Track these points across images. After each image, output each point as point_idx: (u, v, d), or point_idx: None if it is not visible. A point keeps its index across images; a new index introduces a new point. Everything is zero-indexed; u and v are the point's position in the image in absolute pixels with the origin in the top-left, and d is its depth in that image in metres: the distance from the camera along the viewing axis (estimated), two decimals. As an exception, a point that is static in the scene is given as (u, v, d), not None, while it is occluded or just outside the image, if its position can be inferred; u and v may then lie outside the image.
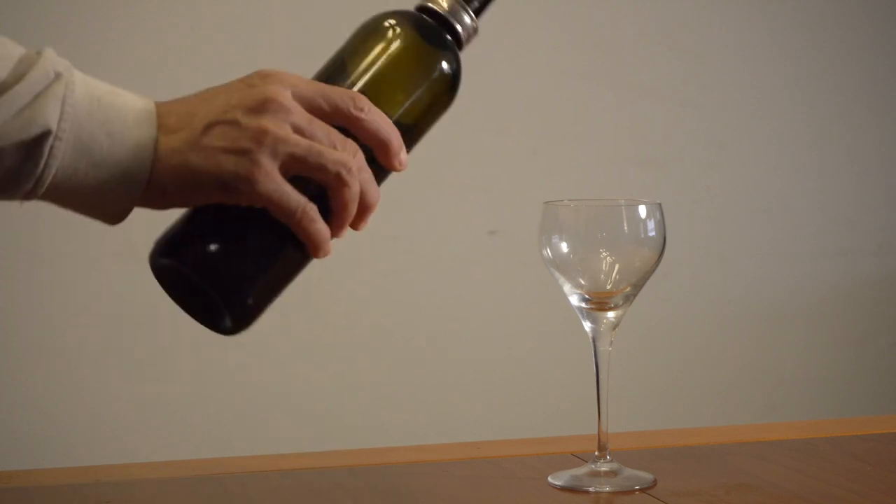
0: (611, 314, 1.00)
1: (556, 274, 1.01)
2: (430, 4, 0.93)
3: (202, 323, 0.89)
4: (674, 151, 2.51)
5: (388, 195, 1.02)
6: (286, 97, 0.81)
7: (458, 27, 0.94)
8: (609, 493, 0.99)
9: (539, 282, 1.20)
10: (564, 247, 0.99)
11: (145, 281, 0.94)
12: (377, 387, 2.37)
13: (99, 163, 0.79)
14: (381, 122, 0.85)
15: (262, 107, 0.81)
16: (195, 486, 1.03)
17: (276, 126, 0.80)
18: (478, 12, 0.95)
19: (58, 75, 0.78)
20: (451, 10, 0.95)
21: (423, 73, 0.91)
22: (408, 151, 0.88)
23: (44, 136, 0.77)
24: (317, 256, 0.84)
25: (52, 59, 0.78)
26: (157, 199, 0.82)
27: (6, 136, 0.76)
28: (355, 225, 0.86)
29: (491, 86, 2.41)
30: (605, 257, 0.99)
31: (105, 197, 0.80)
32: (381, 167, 0.87)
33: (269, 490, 1.00)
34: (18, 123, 0.76)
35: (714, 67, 2.53)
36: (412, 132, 0.89)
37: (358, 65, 0.89)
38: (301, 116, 0.81)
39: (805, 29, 2.58)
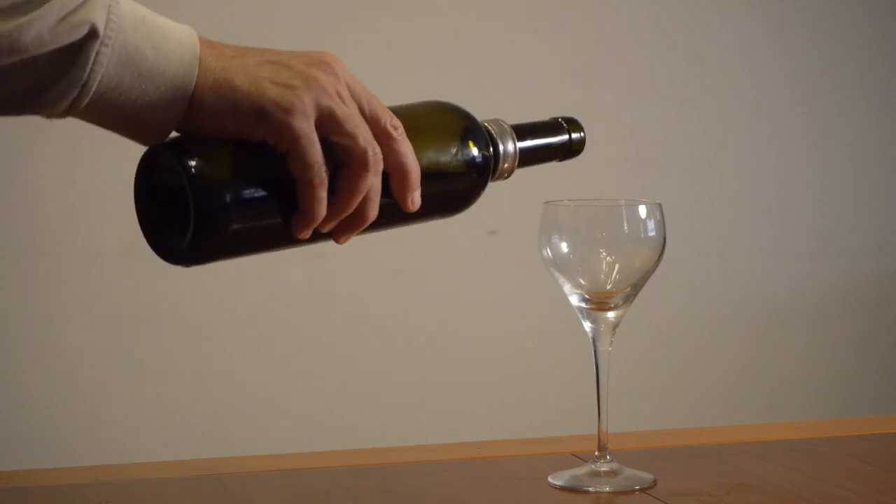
0: (611, 314, 1.00)
1: (556, 274, 1.01)
2: (494, 124, 0.98)
3: (151, 241, 0.84)
4: (674, 151, 2.51)
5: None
6: (341, 64, 0.83)
7: (501, 149, 0.99)
8: (609, 493, 0.99)
9: (539, 282, 1.20)
10: (564, 247, 0.99)
11: (145, 281, 0.94)
12: (377, 387, 2.37)
13: (144, 74, 0.79)
14: (410, 152, 0.85)
15: (318, 64, 0.82)
16: (195, 486, 1.03)
17: (326, 81, 0.81)
18: (521, 160, 0.95)
19: None
20: (501, 135, 0.99)
21: (457, 156, 0.94)
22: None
23: (90, 39, 0.77)
24: (298, 232, 0.83)
25: None
26: (190, 114, 0.80)
27: (53, 41, 0.76)
28: (340, 231, 0.86)
29: (491, 85, 2.41)
30: (605, 257, 0.99)
31: (148, 111, 0.80)
32: (389, 204, 0.87)
33: (269, 490, 1.00)
34: (66, 27, 0.76)
35: (714, 67, 2.53)
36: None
37: (410, 112, 0.90)
38: (353, 80, 0.83)
39: (805, 29, 2.58)
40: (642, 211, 0.99)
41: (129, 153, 0.86)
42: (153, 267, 2.47)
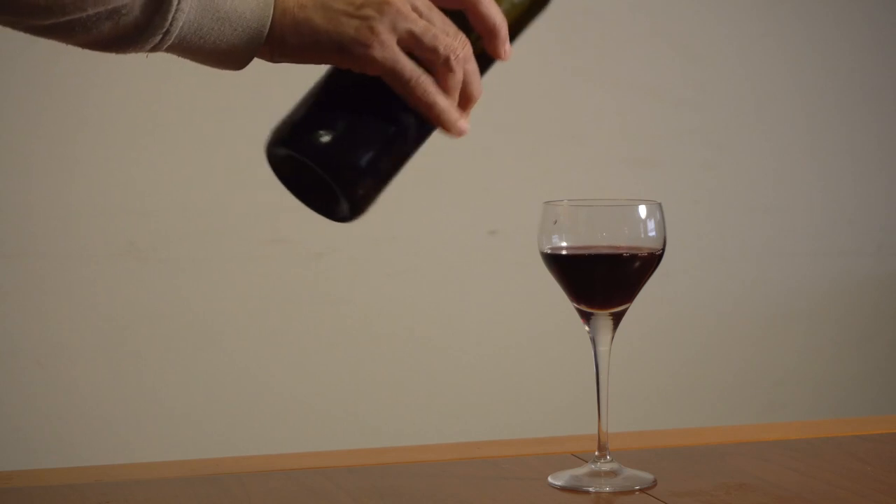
0: (610, 314, 1.00)
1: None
2: None
3: (318, 211, 0.89)
4: (674, 151, 2.51)
5: (388, 195, 1.02)
6: None
7: None
8: (609, 493, 0.99)
9: (539, 282, 1.20)
10: (564, 247, 0.99)
11: (145, 281, 0.94)
12: (377, 387, 2.37)
13: (223, 17, 0.81)
14: (495, 10, 0.87)
15: None
16: (195, 486, 1.03)
17: (400, 2, 0.83)
18: None
19: None
20: None
21: None
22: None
23: None
24: (446, 128, 0.87)
25: None
26: (274, 52, 0.84)
27: None
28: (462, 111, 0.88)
29: (491, 85, 2.40)
30: (605, 257, 0.99)
31: (228, 50, 0.82)
32: (486, 60, 0.90)
33: (269, 490, 1.00)
34: None
35: (715, 67, 2.53)
36: (514, 28, 0.92)
37: None
38: (422, 1, 0.84)
39: (805, 29, 2.58)
40: (642, 211, 0.99)
41: (130, 154, 0.86)
42: (153, 267, 2.48)
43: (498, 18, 0.87)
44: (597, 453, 1.01)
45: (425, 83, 0.84)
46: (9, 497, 1.00)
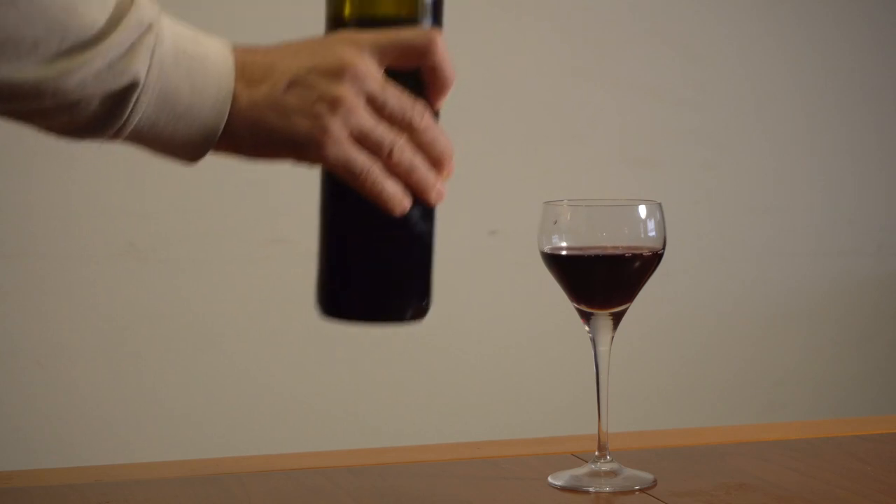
0: (610, 314, 1.00)
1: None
2: None
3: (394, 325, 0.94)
4: (674, 151, 2.52)
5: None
6: (363, 63, 0.84)
7: None
8: (609, 493, 0.99)
9: (539, 282, 1.20)
10: (564, 247, 0.99)
11: (145, 281, 0.94)
12: (377, 387, 2.37)
13: (180, 114, 0.81)
14: (448, 68, 0.88)
15: (340, 73, 0.83)
16: (195, 486, 1.03)
17: (351, 96, 0.83)
18: None
19: (149, 25, 0.80)
20: None
21: None
22: None
23: (132, 87, 0.79)
24: (395, 213, 0.86)
25: (143, 6, 0.80)
26: (230, 147, 0.84)
27: (97, 85, 0.78)
28: (421, 194, 0.89)
29: (491, 86, 2.41)
30: (605, 257, 0.99)
31: (182, 145, 0.82)
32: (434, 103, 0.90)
33: (269, 490, 1.00)
34: (110, 74, 0.78)
35: (715, 67, 2.53)
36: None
37: None
38: (375, 83, 0.84)
39: (805, 29, 2.58)
40: (642, 211, 0.99)
41: (130, 154, 0.86)
42: (153, 267, 2.48)
43: (452, 75, 0.88)
44: (597, 453, 1.01)
45: (374, 174, 0.85)
46: (9, 497, 1.00)
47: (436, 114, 0.90)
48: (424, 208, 0.90)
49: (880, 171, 2.63)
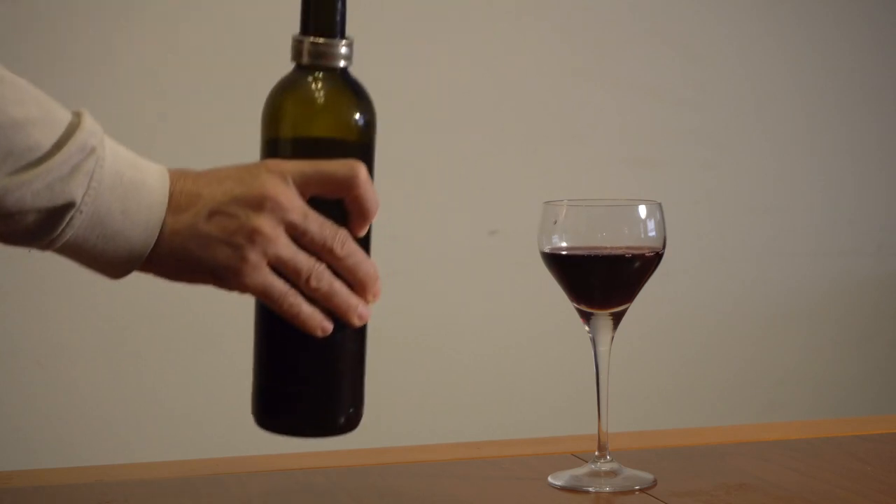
0: (610, 314, 1.00)
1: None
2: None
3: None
4: (674, 151, 2.51)
5: (388, 195, 1.02)
6: (284, 194, 0.87)
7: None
8: (609, 493, 0.99)
9: (539, 282, 1.20)
10: (564, 247, 0.99)
11: (145, 281, 0.94)
12: (377, 387, 2.36)
13: (109, 236, 0.84)
14: (372, 198, 0.91)
15: (261, 204, 0.87)
16: (195, 486, 1.03)
17: (269, 227, 0.87)
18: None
19: (92, 150, 0.83)
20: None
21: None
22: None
23: (67, 207, 0.82)
24: (316, 335, 0.90)
25: (89, 130, 0.84)
26: (153, 269, 0.88)
27: (34, 202, 0.82)
28: (346, 318, 0.92)
29: (491, 86, 2.41)
30: (605, 257, 0.99)
31: (106, 264, 0.86)
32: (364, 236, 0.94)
33: (269, 490, 1.00)
34: (48, 193, 0.82)
35: (715, 67, 2.53)
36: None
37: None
38: (296, 213, 0.88)
39: (805, 29, 2.58)
40: (642, 211, 0.99)
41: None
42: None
43: (374, 207, 0.91)
44: (597, 453, 1.01)
45: (290, 299, 0.89)
46: (9, 497, 1.00)
47: (364, 238, 0.93)
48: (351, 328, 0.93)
49: (880, 171, 2.63)
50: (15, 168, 0.81)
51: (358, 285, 0.92)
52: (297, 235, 0.88)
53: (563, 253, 0.99)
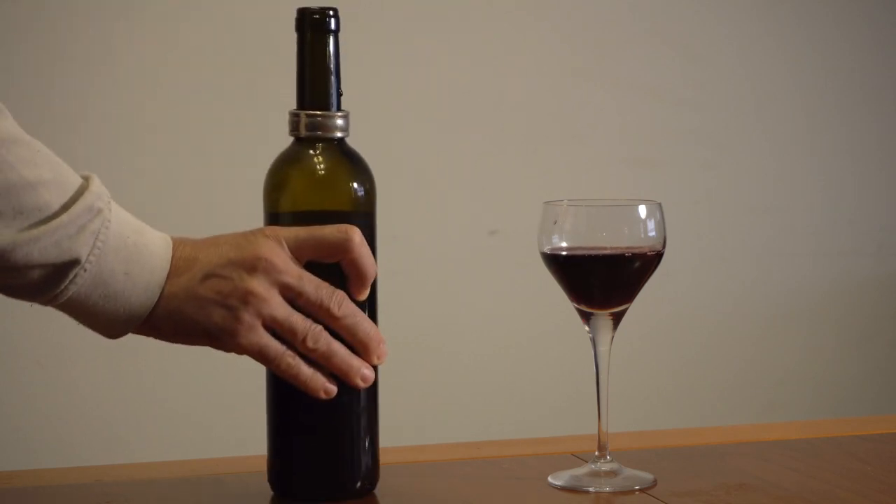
0: (610, 314, 1.00)
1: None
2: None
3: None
4: (674, 151, 2.51)
5: (388, 194, 1.02)
6: (278, 257, 0.89)
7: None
8: (609, 493, 0.99)
9: (539, 282, 1.21)
10: (564, 247, 0.99)
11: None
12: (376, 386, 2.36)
13: (111, 296, 0.87)
14: (368, 261, 0.93)
15: (254, 266, 0.89)
16: (195, 486, 1.03)
17: (263, 288, 0.89)
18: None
19: (98, 211, 0.86)
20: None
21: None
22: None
23: (72, 264, 0.85)
24: (318, 396, 0.91)
25: (96, 193, 0.87)
26: (150, 331, 0.91)
27: (41, 257, 0.84)
28: (348, 378, 0.93)
29: (491, 86, 2.41)
30: (605, 257, 0.99)
31: (107, 322, 0.89)
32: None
33: (269, 490, 1.00)
34: (55, 250, 0.84)
35: (715, 67, 2.53)
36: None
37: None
38: (290, 275, 0.89)
39: (805, 28, 2.58)
40: (642, 211, 0.99)
41: (130, 154, 0.87)
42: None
43: (370, 270, 0.93)
44: (597, 453, 1.01)
45: (287, 359, 0.90)
46: (9, 497, 1.00)
47: (370, 300, 0.95)
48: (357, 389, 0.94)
49: (880, 171, 2.63)
50: (25, 226, 0.83)
51: (359, 346, 0.93)
52: (293, 297, 0.89)
53: (563, 253, 0.99)
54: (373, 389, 0.96)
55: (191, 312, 0.88)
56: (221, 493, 1.01)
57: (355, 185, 0.96)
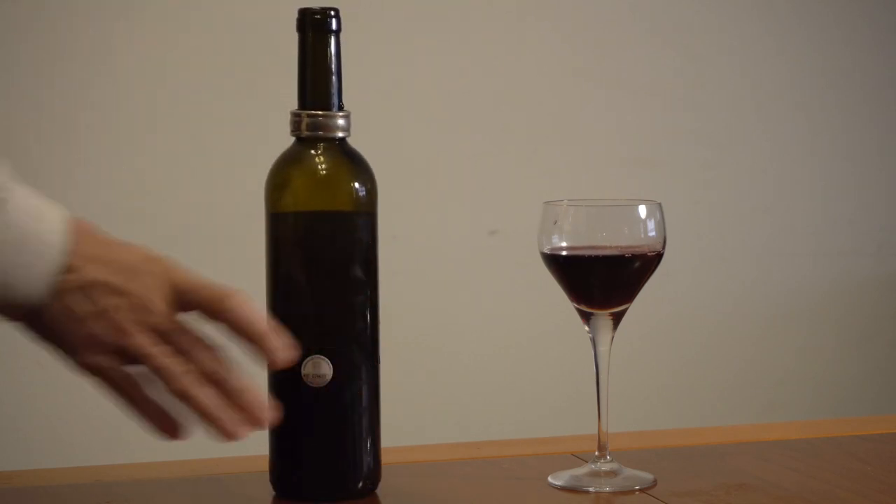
0: (610, 314, 1.00)
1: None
2: None
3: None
4: (674, 151, 2.51)
5: (388, 194, 1.02)
6: (156, 301, 0.87)
7: None
8: (609, 493, 0.99)
9: (539, 282, 1.21)
10: (564, 247, 0.99)
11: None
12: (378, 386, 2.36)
13: None
14: (256, 318, 0.87)
15: (125, 296, 0.87)
16: (195, 486, 1.03)
17: (129, 322, 0.88)
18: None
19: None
20: None
21: None
22: None
23: None
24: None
25: None
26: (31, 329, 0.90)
27: None
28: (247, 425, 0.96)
29: (491, 86, 2.41)
30: (605, 257, 0.99)
31: None
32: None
33: (269, 490, 1.00)
34: None
35: (714, 67, 2.53)
36: None
37: None
38: (160, 317, 0.87)
39: (805, 28, 2.58)
40: (642, 211, 0.99)
41: (130, 154, 0.86)
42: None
43: (254, 328, 0.86)
44: (597, 453, 1.01)
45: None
46: (9, 497, 1.00)
47: (367, 303, 1.01)
48: (343, 379, 0.97)
49: (880, 171, 2.63)
50: None
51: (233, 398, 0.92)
52: (159, 334, 0.88)
53: (563, 253, 0.99)
54: (374, 389, 0.97)
55: (55, 313, 0.88)
56: (221, 493, 1.01)
57: (356, 185, 0.96)
